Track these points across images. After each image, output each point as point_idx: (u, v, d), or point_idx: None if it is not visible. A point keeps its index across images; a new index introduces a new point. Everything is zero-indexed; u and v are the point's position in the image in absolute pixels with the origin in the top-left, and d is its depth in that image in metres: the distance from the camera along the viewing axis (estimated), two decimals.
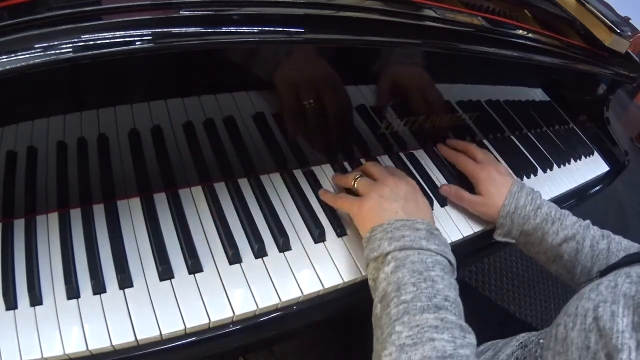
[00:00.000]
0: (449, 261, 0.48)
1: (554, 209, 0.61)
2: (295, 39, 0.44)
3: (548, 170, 0.83)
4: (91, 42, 0.34)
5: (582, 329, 0.38)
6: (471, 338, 0.41)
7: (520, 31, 0.66)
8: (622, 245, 0.61)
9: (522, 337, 0.54)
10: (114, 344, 0.41)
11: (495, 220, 0.62)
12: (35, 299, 0.42)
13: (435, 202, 0.65)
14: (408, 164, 0.69)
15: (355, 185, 0.55)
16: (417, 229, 0.47)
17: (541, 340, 0.47)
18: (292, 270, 0.51)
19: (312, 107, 0.56)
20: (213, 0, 0.42)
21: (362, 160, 0.66)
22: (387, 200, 0.51)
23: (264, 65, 0.50)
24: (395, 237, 0.46)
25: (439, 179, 0.69)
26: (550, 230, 0.59)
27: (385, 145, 0.68)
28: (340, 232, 0.56)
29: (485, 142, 0.81)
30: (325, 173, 0.62)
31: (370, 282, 0.48)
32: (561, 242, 0.59)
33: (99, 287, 0.44)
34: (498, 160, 0.77)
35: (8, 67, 0.32)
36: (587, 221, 0.62)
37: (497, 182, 0.63)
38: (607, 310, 0.36)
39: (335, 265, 0.52)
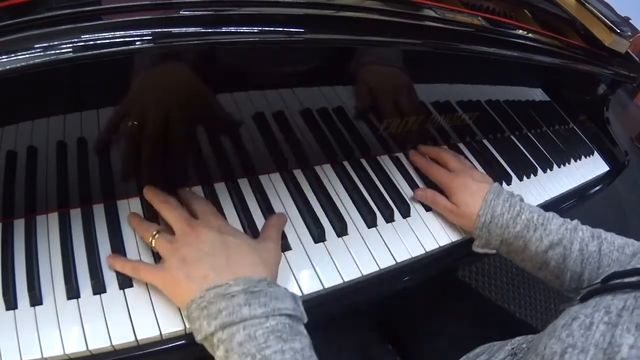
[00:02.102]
0: (288, 315, 0.40)
1: (536, 214, 0.56)
2: (295, 39, 0.44)
3: (548, 170, 0.83)
4: (91, 42, 0.34)
5: None
6: None
7: (520, 31, 0.66)
8: (615, 245, 0.56)
9: (517, 341, 0.53)
10: (114, 344, 0.41)
11: (473, 231, 0.58)
12: (35, 299, 0.42)
13: None
14: (408, 164, 0.69)
15: (154, 245, 0.46)
16: (232, 296, 0.39)
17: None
18: (291, 270, 0.50)
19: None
20: (213, 0, 0.42)
21: (362, 161, 0.66)
22: (192, 265, 0.42)
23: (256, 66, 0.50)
24: (212, 314, 0.39)
25: None
26: (533, 237, 0.55)
27: (386, 145, 0.68)
28: (341, 231, 0.55)
29: (485, 142, 0.81)
30: (325, 173, 0.62)
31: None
32: (546, 249, 0.55)
33: (99, 287, 0.44)
34: (498, 161, 0.78)
35: (8, 67, 0.32)
36: (575, 221, 0.58)
37: (471, 190, 0.59)
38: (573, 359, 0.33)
39: (335, 265, 0.52)
